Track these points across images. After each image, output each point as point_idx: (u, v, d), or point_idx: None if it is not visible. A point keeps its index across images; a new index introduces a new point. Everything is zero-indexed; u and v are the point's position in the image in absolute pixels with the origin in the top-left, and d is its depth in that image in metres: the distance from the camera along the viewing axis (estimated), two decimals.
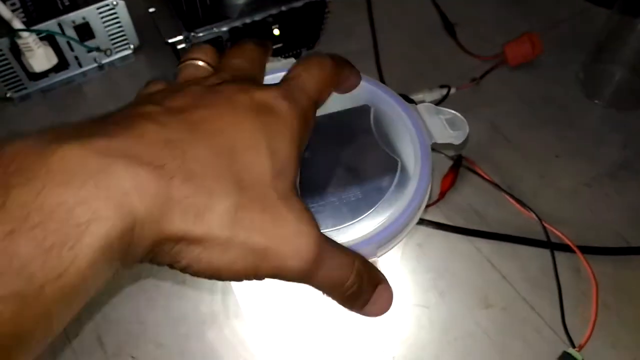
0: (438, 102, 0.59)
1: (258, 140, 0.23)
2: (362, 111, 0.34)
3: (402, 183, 0.30)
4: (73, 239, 0.17)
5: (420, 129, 0.32)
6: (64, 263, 0.17)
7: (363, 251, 0.27)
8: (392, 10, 0.69)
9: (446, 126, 0.33)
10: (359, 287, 0.25)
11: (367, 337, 0.44)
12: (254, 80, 0.28)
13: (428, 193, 0.31)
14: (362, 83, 0.34)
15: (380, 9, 0.68)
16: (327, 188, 0.31)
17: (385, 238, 0.29)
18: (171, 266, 0.22)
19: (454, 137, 0.32)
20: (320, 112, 0.35)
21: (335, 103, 0.34)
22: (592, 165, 0.55)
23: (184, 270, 0.22)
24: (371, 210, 0.29)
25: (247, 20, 0.54)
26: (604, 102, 0.60)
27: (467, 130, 0.32)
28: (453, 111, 0.33)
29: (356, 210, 0.30)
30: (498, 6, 0.70)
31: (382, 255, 0.29)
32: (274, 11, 0.55)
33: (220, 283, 0.47)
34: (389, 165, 0.31)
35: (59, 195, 0.18)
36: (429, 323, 0.45)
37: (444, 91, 0.59)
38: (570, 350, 0.42)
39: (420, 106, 0.33)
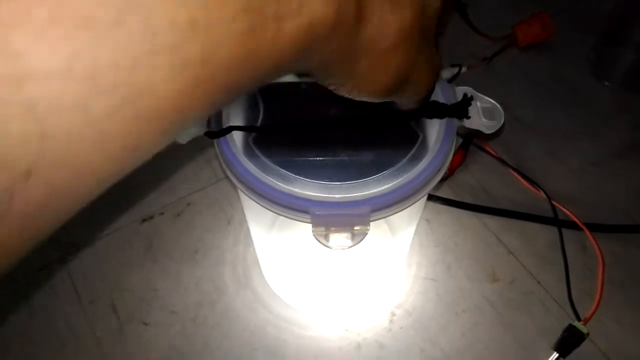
0: (448, 81, 0.59)
1: None
2: None
3: (417, 157, 0.31)
4: None
5: None
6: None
7: (355, 210, 0.28)
8: None
9: (481, 114, 0.32)
10: None
11: (375, 308, 0.45)
12: None
13: (440, 172, 0.31)
14: None
15: None
16: (341, 145, 0.32)
17: (379, 204, 0.29)
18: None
19: (486, 126, 0.32)
20: None
21: None
22: (601, 145, 0.55)
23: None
24: (376, 176, 0.30)
25: None
26: (613, 84, 0.60)
27: (502, 122, 0.32)
28: (493, 101, 0.33)
29: (363, 173, 0.30)
30: None
31: (375, 220, 0.30)
32: None
33: (230, 253, 0.48)
34: (410, 138, 0.32)
35: None
36: (436, 296, 0.46)
37: (455, 70, 0.59)
38: (576, 324, 0.43)
39: (459, 88, 0.33)
